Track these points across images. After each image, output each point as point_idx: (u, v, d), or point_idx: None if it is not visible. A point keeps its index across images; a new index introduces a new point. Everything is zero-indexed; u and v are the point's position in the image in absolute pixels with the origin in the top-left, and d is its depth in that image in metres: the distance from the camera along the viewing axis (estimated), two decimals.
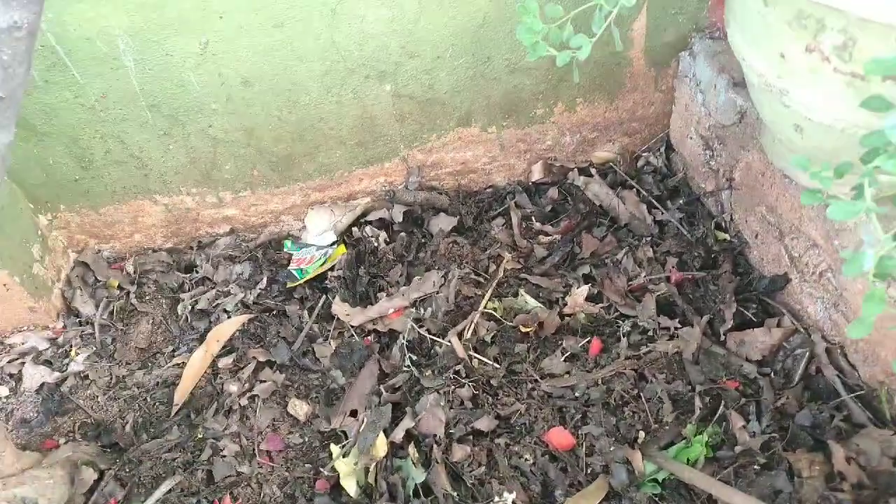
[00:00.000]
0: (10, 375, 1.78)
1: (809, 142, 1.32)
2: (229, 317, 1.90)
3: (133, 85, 1.67)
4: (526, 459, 1.52)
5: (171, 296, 2.02)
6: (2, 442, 1.43)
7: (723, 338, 1.70)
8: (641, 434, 1.54)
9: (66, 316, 1.91)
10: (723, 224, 1.91)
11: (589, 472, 1.50)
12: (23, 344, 1.81)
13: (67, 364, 1.79)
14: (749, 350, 1.65)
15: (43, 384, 1.75)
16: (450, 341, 1.71)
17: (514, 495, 1.43)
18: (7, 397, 1.74)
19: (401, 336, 1.77)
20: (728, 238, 1.88)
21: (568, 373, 1.67)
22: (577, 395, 1.62)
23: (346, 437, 1.60)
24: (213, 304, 1.96)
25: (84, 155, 1.81)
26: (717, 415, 1.54)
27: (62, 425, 1.69)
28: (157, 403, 1.74)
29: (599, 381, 1.63)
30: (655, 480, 1.46)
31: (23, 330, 1.84)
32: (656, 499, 1.43)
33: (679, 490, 1.44)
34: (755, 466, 1.43)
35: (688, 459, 1.47)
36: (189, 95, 1.73)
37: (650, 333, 1.74)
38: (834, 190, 1.06)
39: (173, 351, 1.89)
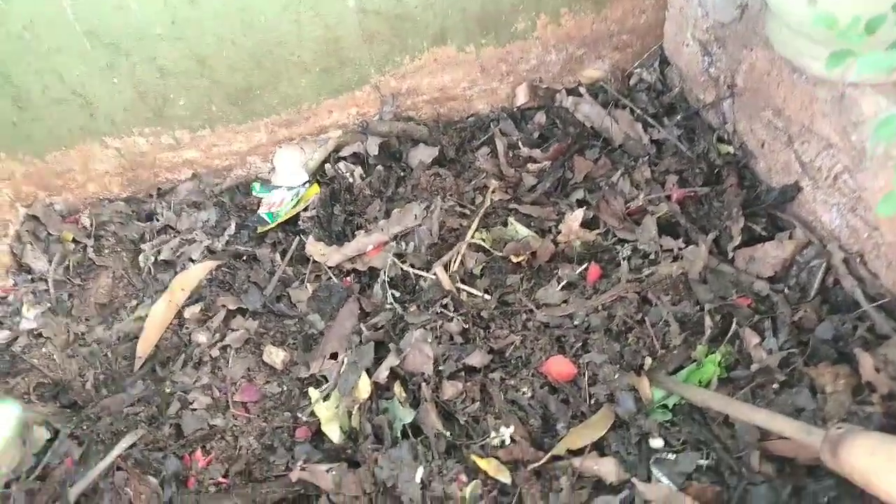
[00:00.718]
0: None
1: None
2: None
3: (63, 7, 1.49)
4: (523, 393, 1.39)
5: (132, 248, 1.86)
6: None
7: (731, 256, 1.56)
8: (647, 360, 1.41)
9: (17, 273, 1.75)
10: (725, 136, 1.76)
11: (593, 402, 1.37)
12: None
13: (19, 322, 1.63)
14: (760, 266, 1.52)
15: None
16: (435, 274, 1.56)
17: (511, 429, 1.30)
18: None
19: (381, 273, 1.62)
20: (732, 151, 1.74)
21: (565, 302, 1.54)
22: (576, 323, 1.48)
23: (327, 382, 1.47)
24: (177, 254, 1.80)
25: (19, 94, 1.63)
26: (729, 334, 1.41)
27: (16, 387, 1.54)
28: (120, 359, 1.60)
29: (600, 308, 1.49)
30: (665, 407, 1.34)
31: None
32: (667, 425, 1.31)
33: (692, 415, 1.32)
34: (774, 385, 1.30)
35: (700, 381, 1.34)
36: (129, 19, 1.55)
37: (652, 256, 1.61)
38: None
39: (137, 305, 1.74)
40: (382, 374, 1.40)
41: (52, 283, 1.74)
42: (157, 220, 1.88)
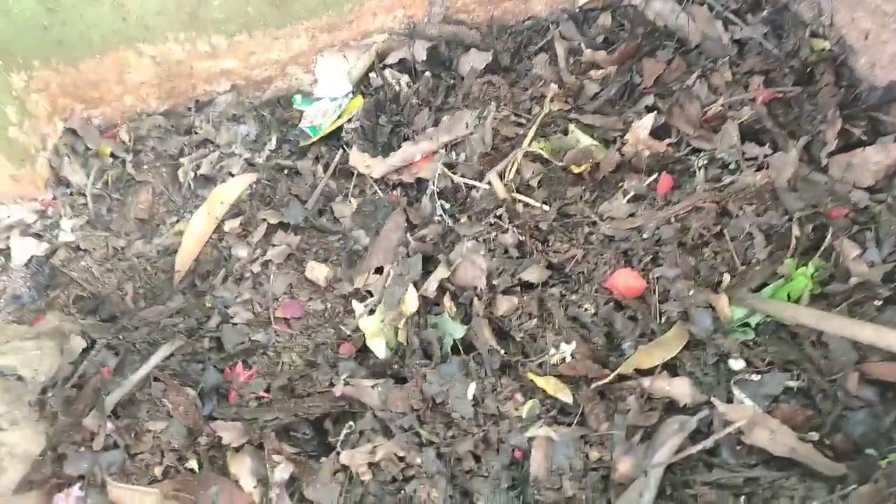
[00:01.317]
0: None
1: None
2: None
3: None
4: (586, 309, 1.27)
5: (171, 163, 1.78)
6: None
7: (824, 163, 1.38)
8: (726, 277, 1.26)
9: (55, 186, 1.70)
10: (820, 30, 1.55)
11: (663, 320, 1.24)
12: (8, 217, 1.61)
13: (57, 235, 1.58)
14: (858, 174, 1.34)
15: (32, 257, 1.56)
16: (489, 182, 1.43)
17: (572, 345, 1.18)
18: None
19: (430, 184, 1.50)
20: (827, 46, 1.53)
21: (632, 215, 1.39)
22: (644, 236, 1.34)
23: (372, 297, 1.37)
24: (217, 168, 1.72)
25: None
26: (823, 247, 1.24)
27: (55, 300, 1.50)
28: (159, 273, 1.54)
29: (672, 220, 1.34)
30: (747, 325, 1.20)
31: (8, 203, 1.64)
32: (749, 345, 1.17)
33: (778, 334, 1.17)
34: (876, 301, 1.15)
35: (788, 297, 1.19)
36: None
37: (732, 166, 1.44)
38: None
39: (177, 221, 1.67)
40: (431, 286, 1.29)
41: (90, 198, 1.68)
42: (196, 134, 1.79)
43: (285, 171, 1.68)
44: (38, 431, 1.16)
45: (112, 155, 1.78)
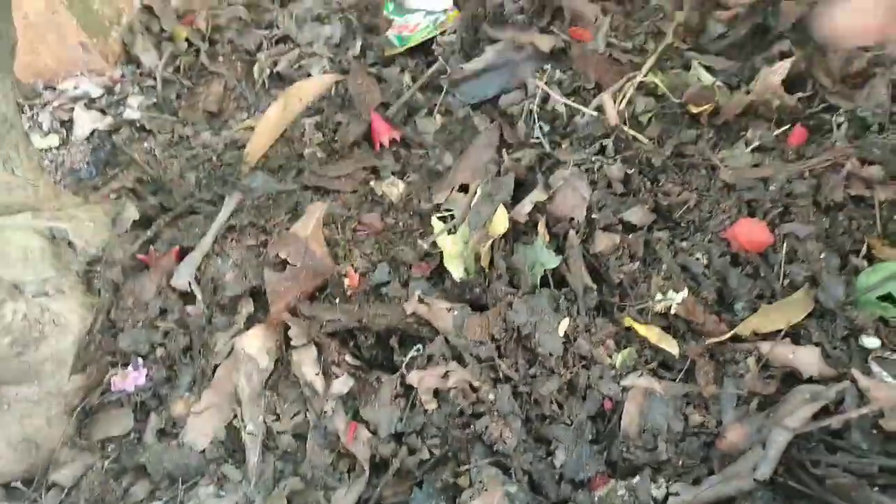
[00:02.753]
0: (61, 123, 1.50)
1: None
2: None
3: None
4: (697, 259, 1.11)
5: (247, 58, 1.67)
6: (35, 172, 1.15)
7: None
8: (863, 247, 1.09)
9: (125, 64, 1.60)
10: None
11: (787, 282, 1.08)
12: (75, 89, 1.52)
13: (123, 112, 1.49)
14: None
15: (94, 131, 1.47)
16: (600, 105, 1.28)
17: (683, 293, 1.03)
18: (57, 147, 1.47)
19: (528, 103, 1.35)
20: None
21: (757, 165, 1.22)
22: (772, 188, 1.17)
23: (453, 218, 1.24)
24: (295, 66, 1.60)
25: None
26: None
27: (114, 179, 1.41)
28: (225, 165, 1.43)
29: (806, 174, 1.17)
30: (889, 298, 1.03)
31: (76, 75, 1.54)
32: (891, 322, 1.00)
33: None
34: None
35: None
36: None
37: (874, 128, 1.25)
38: None
39: (247, 118, 1.56)
40: (525, 209, 1.15)
41: (160, 80, 1.58)
42: (277, 30, 1.67)
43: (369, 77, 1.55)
44: (83, 304, 1.07)
45: (187, 41, 1.67)
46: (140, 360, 1.06)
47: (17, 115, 1.09)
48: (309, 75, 1.58)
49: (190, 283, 1.13)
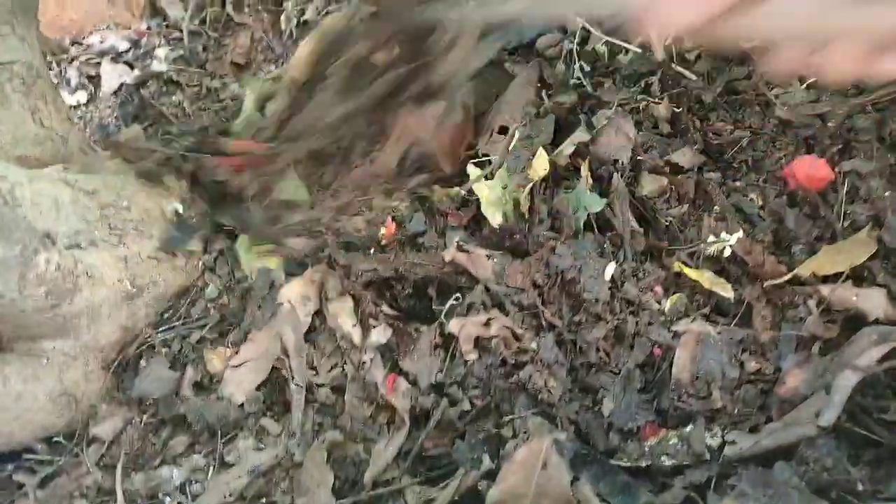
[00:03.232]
0: (89, 78, 1.48)
1: None
2: None
3: None
4: (751, 200, 1.05)
5: (274, 8, 1.62)
6: (64, 124, 1.13)
7: None
8: None
9: (150, 17, 1.57)
10: None
11: (848, 223, 1.01)
12: (101, 43, 1.49)
13: (150, 65, 1.46)
14: None
15: (122, 85, 1.44)
16: (644, 42, 1.20)
17: (738, 234, 0.97)
18: (86, 104, 1.46)
19: (567, 41, 1.28)
20: None
21: (814, 101, 1.14)
22: (831, 123, 1.09)
23: (490, 164, 1.19)
24: (323, 14, 1.54)
25: None
26: None
27: (142, 132, 1.38)
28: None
29: (869, 108, 1.09)
30: None
31: (102, 29, 1.52)
32: None
33: None
34: None
35: None
36: None
37: None
38: None
39: (275, 70, 1.52)
40: (566, 150, 1.09)
41: (186, 33, 1.54)
42: None
43: None
44: (116, 256, 1.05)
45: None
46: None
47: (43, 64, 1.07)
48: None
49: None
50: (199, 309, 1.14)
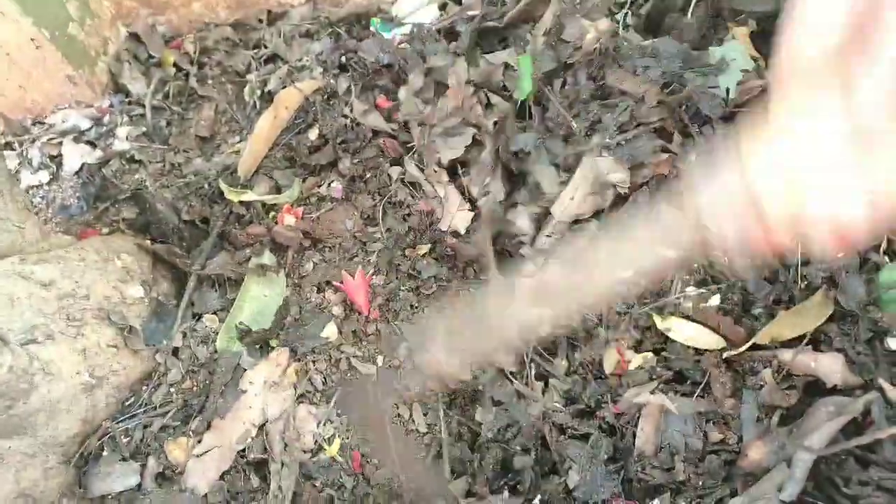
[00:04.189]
0: (51, 158, 1.47)
1: None
2: None
3: None
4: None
5: (237, 79, 1.64)
6: (21, 213, 1.12)
7: None
8: (883, 242, 1.04)
9: (113, 94, 1.57)
10: None
11: (805, 285, 1.02)
12: (63, 122, 1.49)
13: (112, 144, 1.46)
14: None
15: (84, 165, 1.44)
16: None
17: (716, 299, 0.98)
18: (48, 183, 1.45)
19: None
20: None
21: None
22: None
23: None
24: (286, 84, 1.55)
25: None
26: None
27: (105, 213, 1.38)
28: (217, 193, 1.39)
29: None
30: None
31: (63, 108, 1.52)
32: None
33: None
34: None
35: None
36: None
37: None
38: None
39: (239, 141, 1.53)
40: None
41: (149, 108, 1.54)
42: (265, 48, 1.63)
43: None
44: (74, 349, 1.04)
45: (175, 66, 1.64)
46: None
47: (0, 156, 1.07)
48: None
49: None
50: (162, 394, 1.12)
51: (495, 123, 1.28)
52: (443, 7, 1.63)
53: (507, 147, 1.23)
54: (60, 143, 1.47)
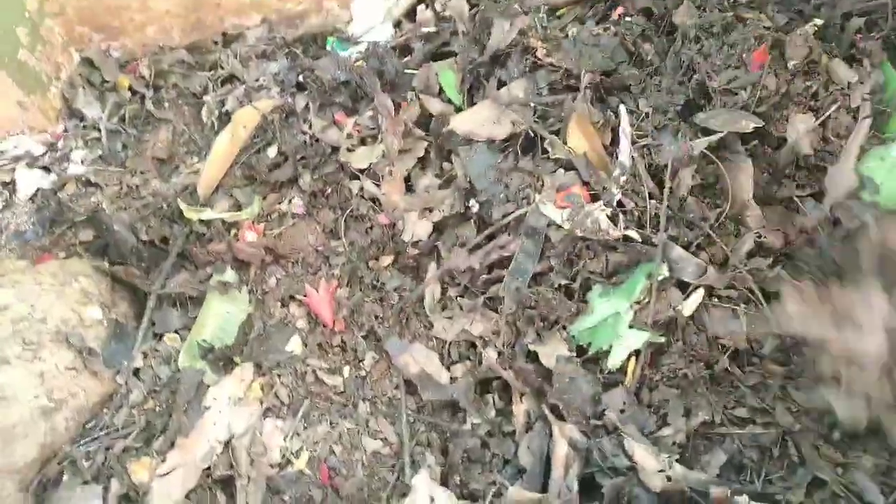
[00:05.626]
0: (4, 185, 1.45)
1: None
2: None
3: None
4: None
5: (194, 101, 1.64)
6: None
7: None
8: None
9: (67, 119, 1.56)
10: None
11: None
12: (15, 149, 1.47)
13: (67, 168, 1.44)
14: None
15: (38, 190, 1.42)
16: None
17: None
18: (1, 210, 1.42)
19: None
20: None
21: None
22: None
23: None
24: (244, 104, 1.56)
25: None
26: None
27: (62, 237, 1.36)
28: (176, 213, 1.39)
29: None
30: None
31: (16, 134, 1.50)
32: None
33: None
34: None
35: None
36: None
37: None
38: None
39: (197, 162, 1.52)
40: None
41: (105, 132, 1.53)
42: (222, 69, 1.64)
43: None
44: (31, 372, 1.01)
45: (131, 90, 1.64)
46: None
47: None
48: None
49: None
50: (124, 416, 1.11)
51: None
52: (397, 25, 1.66)
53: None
54: (13, 170, 1.44)
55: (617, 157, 1.08)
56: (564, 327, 1.11)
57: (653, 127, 1.15)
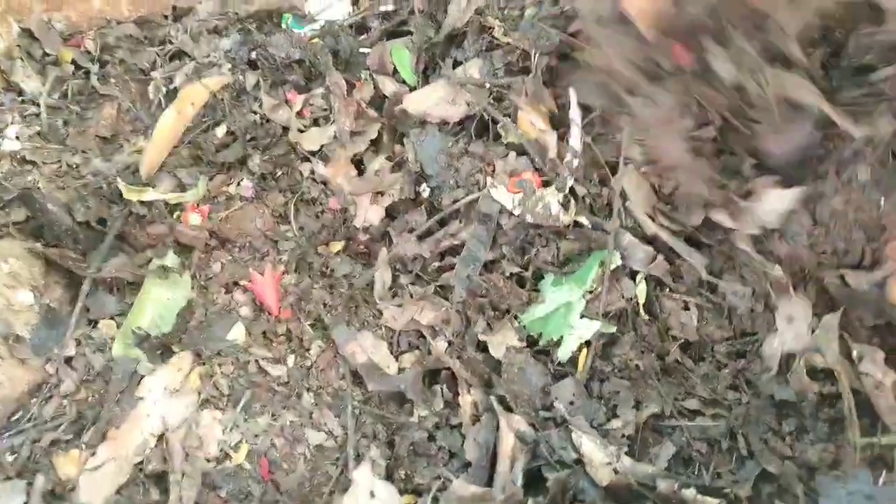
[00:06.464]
0: None
1: None
2: None
3: None
4: None
5: (142, 77, 1.56)
6: None
7: None
8: None
9: (3, 93, 1.48)
10: None
11: None
12: None
13: (0, 144, 1.37)
14: None
15: None
16: None
17: None
18: None
19: None
20: None
21: None
22: None
23: None
24: (193, 81, 1.50)
25: None
26: None
27: None
28: (116, 194, 1.32)
29: None
30: None
31: None
32: None
33: None
34: None
35: None
36: None
37: None
38: None
39: (144, 140, 1.46)
40: None
41: (44, 107, 1.46)
42: (171, 44, 1.57)
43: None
44: None
45: (74, 64, 1.56)
46: None
47: None
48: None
49: None
50: (53, 406, 1.05)
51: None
52: (355, 2, 1.61)
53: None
54: None
55: (568, 142, 1.05)
56: (516, 317, 1.08)
57: None
